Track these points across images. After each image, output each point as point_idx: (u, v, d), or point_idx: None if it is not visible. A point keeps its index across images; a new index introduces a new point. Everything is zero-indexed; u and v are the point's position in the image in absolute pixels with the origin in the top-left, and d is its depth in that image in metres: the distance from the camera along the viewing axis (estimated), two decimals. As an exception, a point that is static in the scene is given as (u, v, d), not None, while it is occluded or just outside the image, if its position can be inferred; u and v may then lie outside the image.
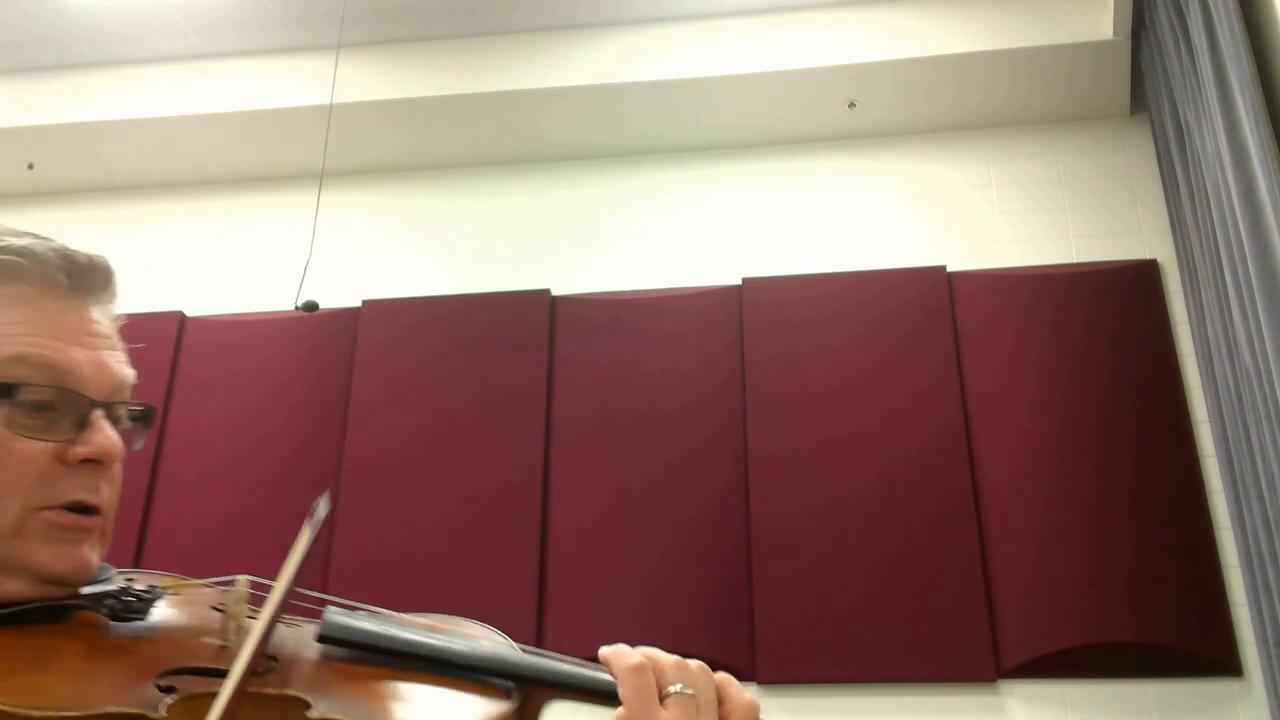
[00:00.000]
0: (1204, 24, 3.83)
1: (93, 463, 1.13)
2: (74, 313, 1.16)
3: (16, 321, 1.12)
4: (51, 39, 5.39)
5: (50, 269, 1.15)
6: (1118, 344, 4.57)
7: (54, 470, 1.11)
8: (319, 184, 4.86)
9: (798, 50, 5.08)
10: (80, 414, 1.13)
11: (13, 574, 1.09)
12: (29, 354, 1.11)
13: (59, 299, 1.16)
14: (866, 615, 4.24)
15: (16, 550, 1.09)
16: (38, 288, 1.15)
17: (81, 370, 1.14)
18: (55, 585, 1.11)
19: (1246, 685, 4.04)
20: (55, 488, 1.11)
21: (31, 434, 1.10)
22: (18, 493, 1.09)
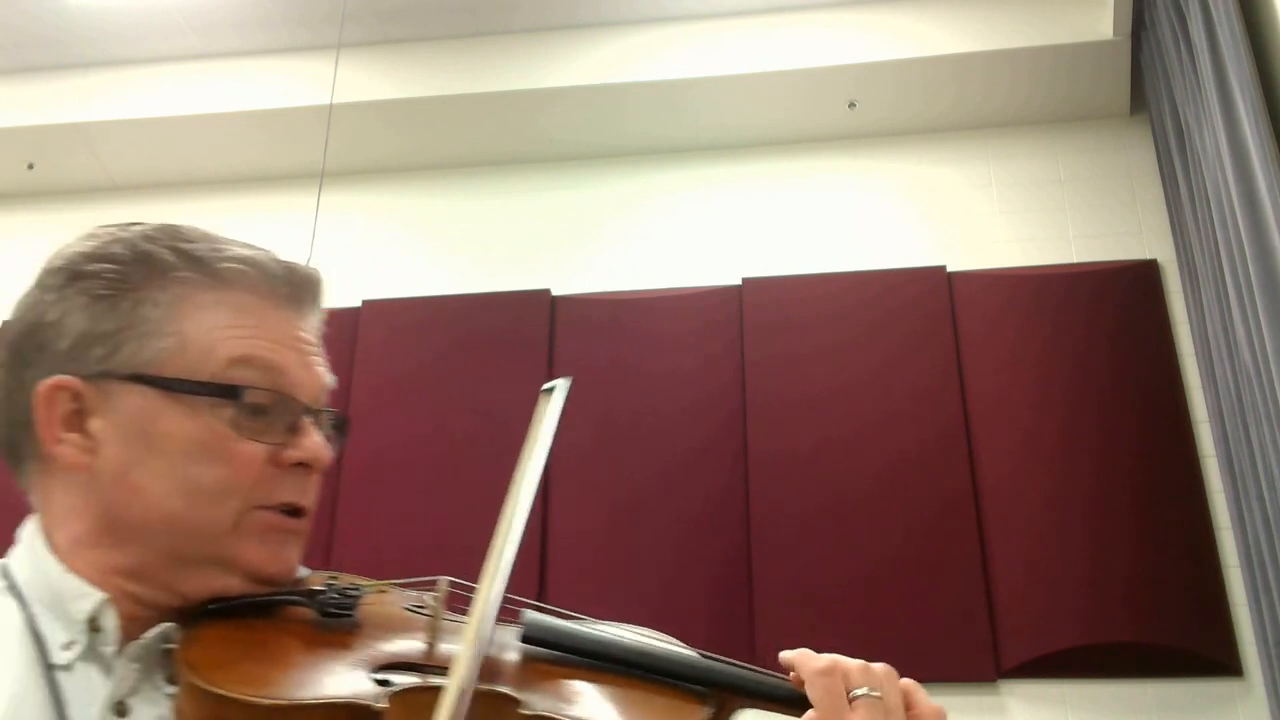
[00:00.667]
0: (1204, 24, 3.83)
1: (303, 467, 1.19)
2: (290, 321, 1.22)
3: (240, 325, 1.17)
4: (52, 39, 5.39)
5: (272, 278, 1.21)
6: (1118, 344, 4.57)
7: (268, 472, 1.15)
8: (319, 184, 4.86)
9: (797, 50, 5.08)
10: (293, 419, 1.18)
11: (226, 570, 1.13)
12: (252, 356, 1.16)
13: (277, 307, 1.21)
14: (866, 615, 4.24)
15: (232, 547, 1.13)
16: (258, 295, 1.20)
17: (296, 374, 1.19)
18: (264, 584, 1.16)
19: (1246, 685, 4.04)
20: (270, 489, 1.16)
21: (251, 435, 1.14)
22: (237, 492, 1.13)
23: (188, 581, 1.12)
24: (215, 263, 1.18)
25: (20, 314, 1.19)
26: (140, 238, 1.19)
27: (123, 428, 1.12)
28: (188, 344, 1.14)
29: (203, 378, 1.13)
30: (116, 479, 1.12)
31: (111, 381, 1.13)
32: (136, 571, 1.12)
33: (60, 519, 1.15)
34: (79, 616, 1.09)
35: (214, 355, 1.14)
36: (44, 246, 4.57)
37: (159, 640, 1.08)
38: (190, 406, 1.12)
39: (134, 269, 1.16)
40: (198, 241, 1.20)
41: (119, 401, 1.13)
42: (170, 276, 1.16)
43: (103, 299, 1.15)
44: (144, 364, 1.13)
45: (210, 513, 1.12)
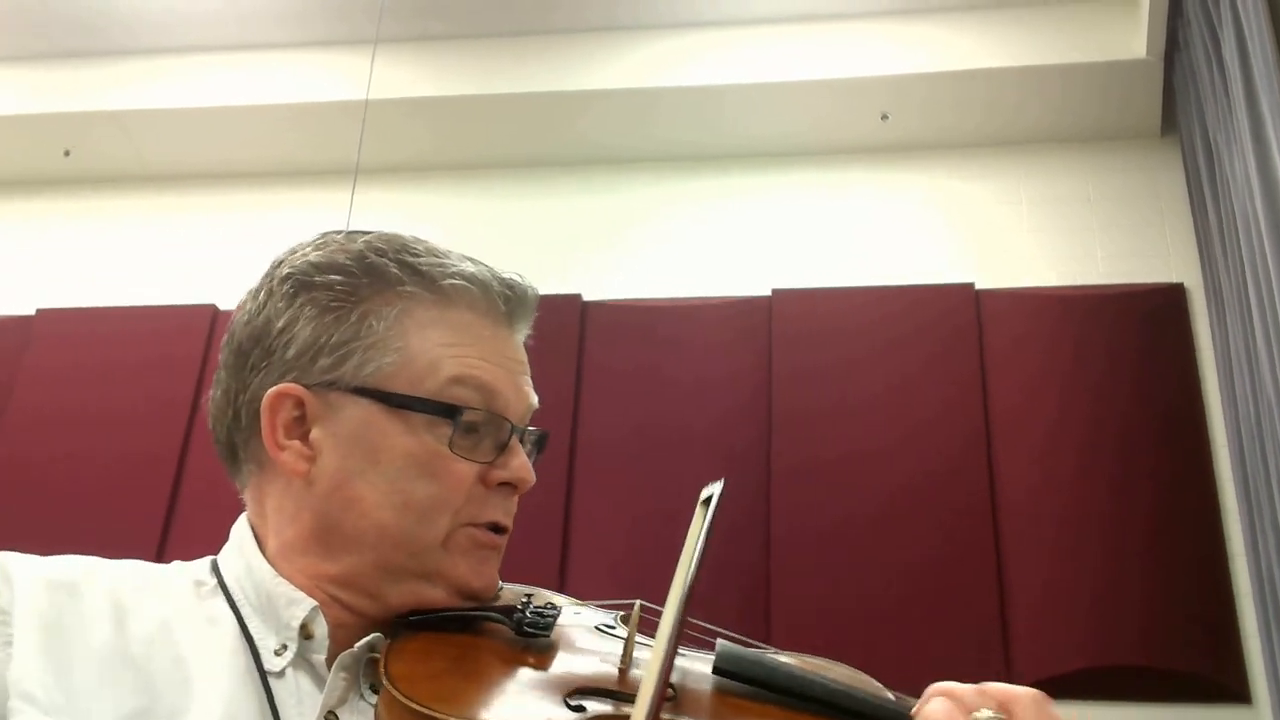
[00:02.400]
0: (1237, 46, 3.83)
1: (508, 486, 1.21)
2: (504, 339, 1.24)
3: (459, 344, 1.19)
4: (91, 25, 5.43)
5: (493, 296, 1.23)
6: (1141, 366, 4.58)
7: (477, 491, 1.18)
8: (353, 180, 4.89)
9: (831, 60, 5.09)
10: (502, 438, 1.20)
11: (434, 583, 1.16)
12: (469, 376, 1.18)
13: (494, 325, 1.23)
14: (881, 629, 4.26)
15: (440, 562, 1.16)
16: (478, 312, 1.22)
17: (508, 394, 1.21)
18: (469, 598, 1.18)
19: (1255, 713, 4.05)
20: (478, 508, 1.19)
21: (464, 454, 1.16)
22: (448, 509, 1.16)
23: (394, 592, 1.15)
24: (440, 279, 1.21)
25: (247, 318, 1.23)
26: (368, 249, 1.21)
27: (343, 438, 1.16)
28: (411, 360, 1.17)
29: (423, 394, 1.16)
30: (334, 489, 1.15)
31: (335, 392, 1.17)
32: (346, 580, 1.15)
33: (273, 523, 1.20)
34: (292, 623, 1.12)
35: (435, 373, 1.16)
36: (79, 233, 4.65)
37: (366, 650, 1.11)
38: (409, 422, 1.15)
39: (362, 282, 1.19)
40: (423, 256, 1.22)
41: (341, 412, 1.16)
42: (396, 291, 1.19)
43: (331, 310, 1.18)
44: (368, 377, 1.16)
45: (421, 527, 1.15)
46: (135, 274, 5.51)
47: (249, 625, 1.13)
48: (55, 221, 5.75)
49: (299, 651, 1.11)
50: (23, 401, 5.12)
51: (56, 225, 5.74)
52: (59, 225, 5.73)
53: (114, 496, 4.79)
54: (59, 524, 4.64)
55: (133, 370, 5.09)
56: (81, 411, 5.04)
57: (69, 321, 5.30)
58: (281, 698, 1.08)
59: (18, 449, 4.99)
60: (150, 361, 5.10)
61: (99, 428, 4.98)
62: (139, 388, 5.04)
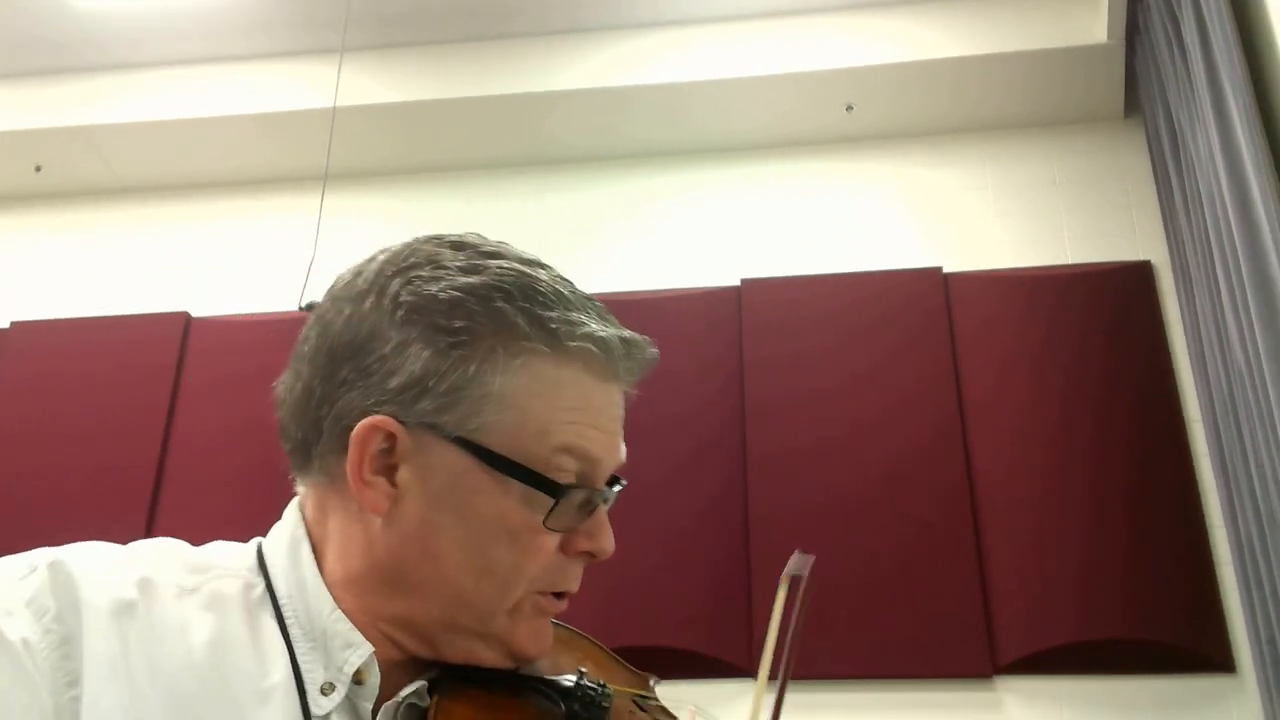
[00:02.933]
0: (1197, 28, 3.86)
1: (587, 554, 1.18)
2: (614, 401, 1.18)
3: (571, 408, 1.12)
4: (58, 43, 5.43)
5: (614, 360, 1.15)
6: (1112, 344, 4.61)
7: (556, 560, 1.14)
8: (323, 186, 4.90)
9: (796, 54, 5.12)
10: (590, 505, 1.15)
11: (490, 644, 1.14)
12: (575, 445, 1.11)
13: (604, 383, 1.16)
14: (863, 613, 4.27)
15: (503, 626, 1.13)
16: (594, 373, 1.14)
17: (607, 462, 1.16)
18: (522, 662, 1.16)
19: (1239, 682, 4.07)
20: (554, 577, 1.15)
21: (556, 527, 1.12)
22: (525, 578, 1.12)
23: (451, 646, 1.13)
24: (566, 339, 1.11)
25: (350, 324, 1.14)
26: (495, 290, 1.10)
27: (432, 486, 1.10)
28: (522, 421, 1.09)
29: (528, 460, 1.09)
30: (413, 536, 1.10)
31: (434, 436, 1.09)
32: (406, 623, 1.12)
33: (336, 544, 1.15)
34: (345, 668, 1.08)
35: (544, 440, 1.10)
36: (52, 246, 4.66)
37: (412, 699, 1.09)
38: (505, 485, 1.09)
39: (484, 327, 1.09)
40: (554, 309, 1.12)
41: (435, 459, 1.09)
42: (519, 344, 1.10)
43: (445, 353, 1.09)
44: (474, 431, 1.08)
45: (495, 593, 1.11)
46: (108, 285, 5.50)
47: (300, 658, 1.08)
48: (27, 236, 5.74)
49: (348, 696, 1.08)
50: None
51: (29, 240, 5.73)
52: (31, 239, 5.73)
53: (92, 508, 4.76)
54: (36, 537, 4.60)
55: (107, 380, 5.08)
56: (57, 423, 5.02)
57: (42, 334, 5.28)
58: None
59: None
60: (125, 371, 5.08)
61: (75, 439, 4.96)
62: (114, 398, 5.03)
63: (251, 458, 4.79)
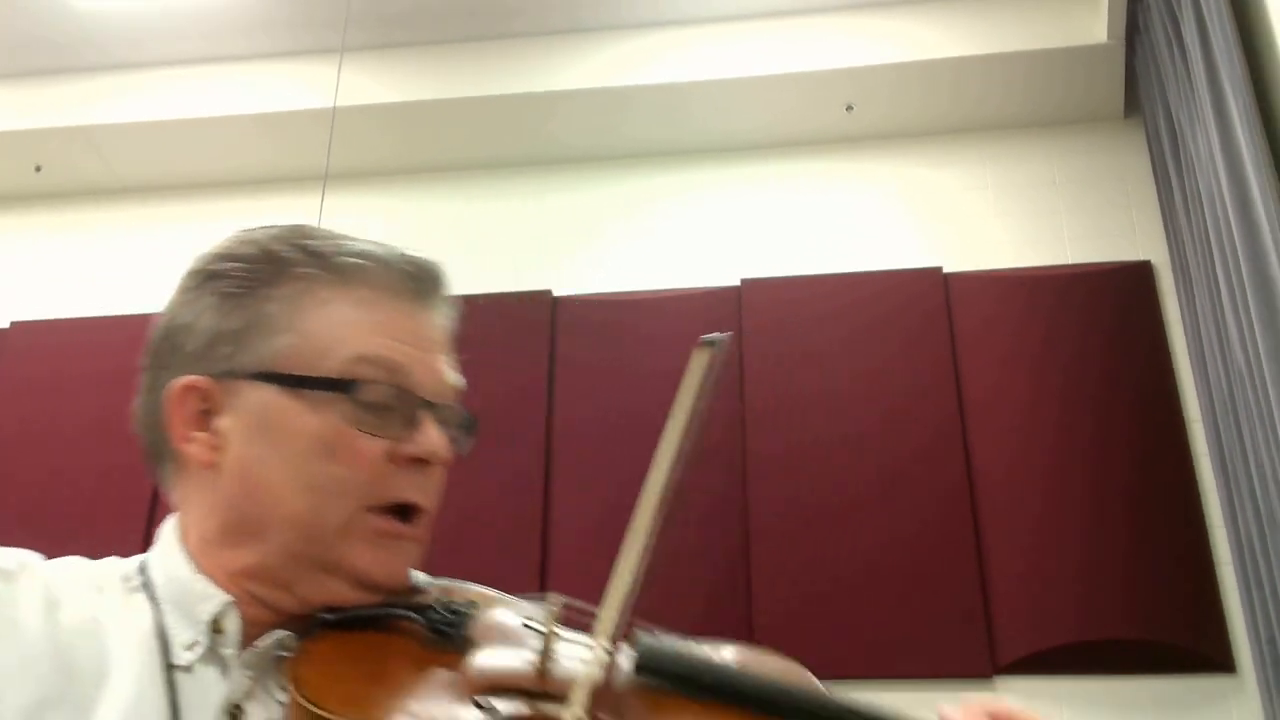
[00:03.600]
0: (1197, 28, 3.87)
1: (422, 463, 1.18)
2: (412, 316, 1.21)
3: (359, 322, 1.17)
4: (58, 43, 5.43)
5: (394, 273, 1.21)
6: (1112, 344, 4.61)
7: (386, 469, 1.15)
8: (323, 186, 4.90)
9: (796, 54, 5.12)
10: (411, 413, 1.17)
11: (334, 575, 1.14)
12: (370, 352, 1.15)
13: (398, 301, 1.20)
14: (863, 613, 4.27)
15: (340, 551, 1.13)
16: (380, 290, 1.19)
17: (416, 370, 1.18)
18: (372, 591, 1.15)
19: (1239, 681, 4.07)
20: (386, 486, 1.15)
21: (369, 429, 1.14)
22: (355, 490, 1.13)
23: (304, 585, 1.13)
24: (336, 257, 1.19)
25: (161, 319, 1.23)
26: (267, 237, 1.21)
27: (248, 425, 1.14)
28: (309, 340, 1.15)
29: (323, 374, 1.14)
30: (241, 476, 1.14)
31: (237, 379, 1.15)
32: (258, 572, 1.14)
33: (194, 518, 1.18)
34: (203, 618, 1.11)
35: (335, 352, 1.15)
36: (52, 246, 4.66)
37: (274, 648, 1.10)
38: (311, 403, 1.13)
39: (260, 267, 1.18)
40: (322, 239, 1.21)
41: (244, 399, 1.15)
42: (293, 272, 1.18)
43: (230, 297, 1.17)
44: (267, 361, 1.14)
45: (327, 510, 1.12)
46: (108, 285, 5.50)
47: (166, 620, 1.11)
48: (27, 236, 5.74)
49: (210, 646, 1.10)
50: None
51: (29, 240, 5.73)
52: (31, 239, 5.73)
53: (92, 509, 4.76)
54: (37, 538, 4.61)
55: (107, 380, 5.05)
56: (57, 423, 5.01)
57: (42, 334, 5.29)
58: (187, 693, 1.07)
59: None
60: (125, 371, 5.03)
61: (75, 439, 4.95)
62: (114, 398, 4.98)
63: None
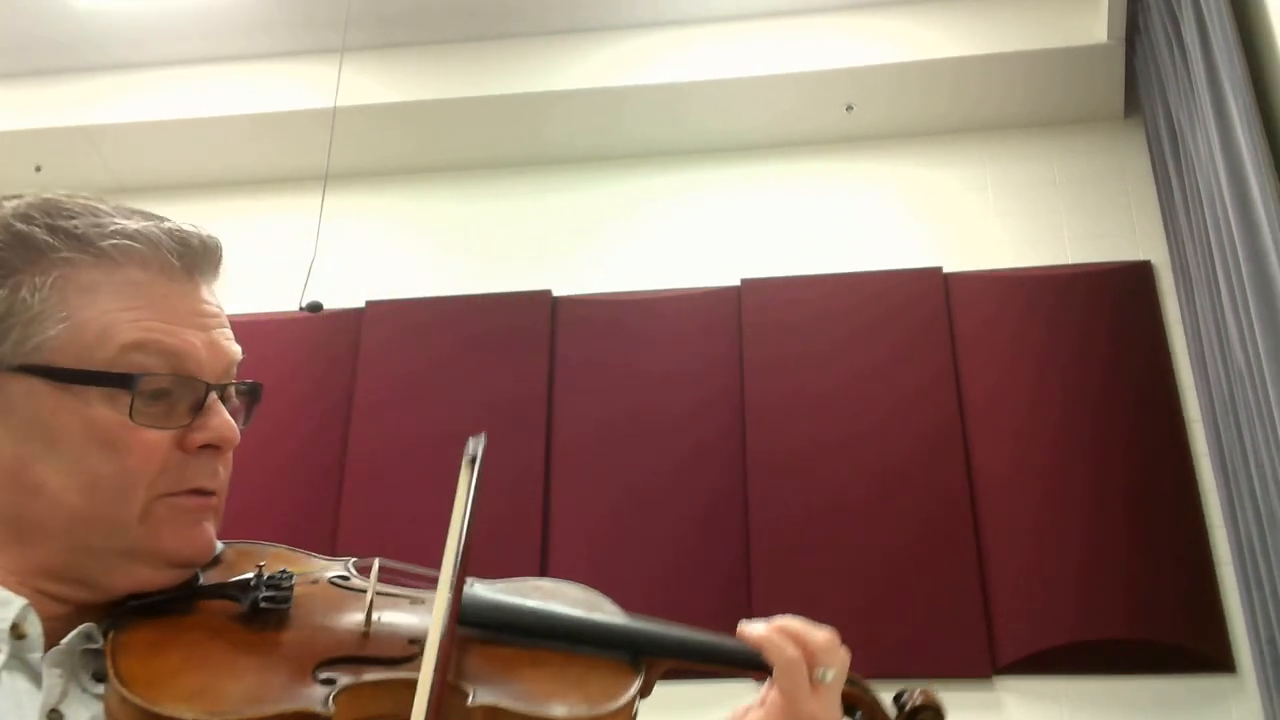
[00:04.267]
0: (1197, 28, 3.86)
1: (211, 448, 1.14)
2: (186, 295, 1.15)
3: (131, 307, 1.10)
4: (58, 43, 5.42)
5: (163, 251, 1.13)
6: (1112, 344, 4.61)
7: (175, 458, 1.11)
8: (323, 186, 4.90)
9: (795, 54, 5.12)
10: (197, 398, 1.12)
11: (140, 560, 1.09)
12: (146, 340, 1.09)
13: (171, 280, 1.14)
14: (864, 613, 4.26)
15: (142, 538, 1.09)
16: (150, 271, 1.13)
17: (197, 354, 1.12)
18: (181, 568, 1.12)
19: (1239, 681, 4.07)
20: (177, 475, 1.11)
21: (152, 422, 1.09)
22: (142, 483, 1.08)
23: (106, 575, 1.09)
24: (98, 240, 1.11)
25: None
26: (14, 217, 1.11)
27: (14, 423, 1.08)
28: (77, 330, 1.07)
29: (95, 366, 1.07)
30: (11, 476, 1.08)
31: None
32: (50, 570, 1.08)
33: None
34: (2, 626, 1.04)
35: (106, 341, 1.07)
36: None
37: (80, 641, 1.05)
38: (83, 397, 1.07)
39: (10, 253, 1.09)
40: (79, 216, 1.12)
41: (8, 395, 1.08)
42: (50, 258, 1.09)
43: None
44: (30, 354, 1.07)
45: (114, 506, 1.07)
46: (107, 286, 5.50)
47: None
48: (27, 236, 5.74)
49: (12, 653, 1.03)
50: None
51: (28, 240, 5.73)
52: (31, 240, 5.73)
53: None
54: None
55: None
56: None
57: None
58: (0, 705, 1.01)
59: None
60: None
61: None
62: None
63: (249, 454, 4.77)
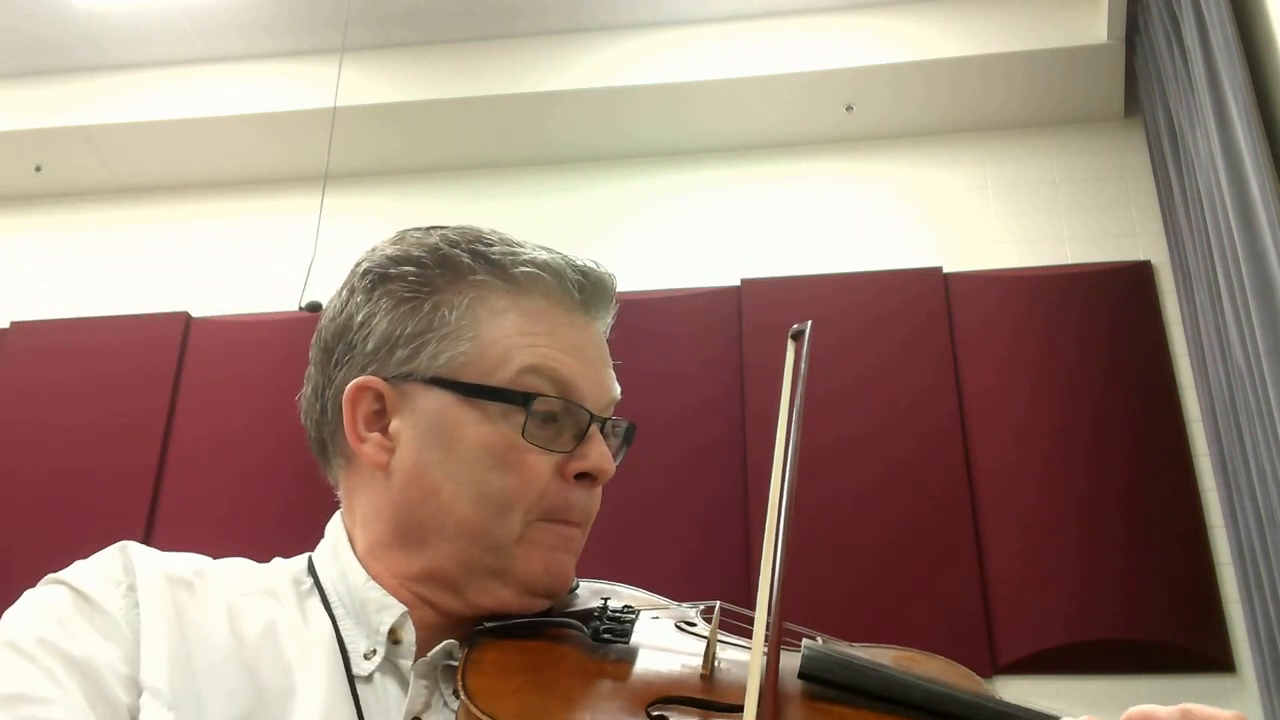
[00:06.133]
0: (1197, 28, 3.87)
1: (588, 478, 1.20)
2: (581, 328, 1.22)
3: (531, 333, 1.17)
4: (57, 43, 5.43)
5: (567, 284, 1.21)
6: (1112, 344, 4.61)
7: (555, 485, 1.17)
8: (323, 186, 4.90)
9: (795, 54, 5.12)
10: (580, 427, 1.18)
11: (505, 582, 1.15)
12: (542, 365, 1.16)
13: (569, 313, 1.21)
14: (863, 613, 4.27)
15: (513, 558, 1.15)
16: (552, 301, 1.21)
17: (584, 385, 1.19)
18: (540, 597, 1.17)
19: (1239, 681, 4.07)
20: (554, 501, 1.17)
21: (539, 444, 1.15)
22: (523, 503, 1.15)
23: (473, 590, 1.15)
24: (511, 267, 1.19)
25: (332, 315, 1.24)
26: (442, 241, 1.21)
27: (420, 429, 1.16)
28: (484, 349, 1.16)
29: (496, 383, 1.15)
30: (412, 479, 1.15)
31: (412, 383, 1.17)
32: (429, 575, 1.15)
33: (362, 519, 1.20)
34: (381, 629, 1.13)
35: (508, 362, 1.15)
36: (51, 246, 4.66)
37: (442, 656, 1.11)
38: (483, 411, 1.14)
39: (435, 272, 1.19)
40: (496, 245, 1.21)
41: (418, 403, 1.16)
42: (469, 280, 1.19)
43: (405, 301, 1.18)
44: (443, 367, 1.16)
45: (497, 521, 1.14)
46: (108, 285, 5.51)
47: (342, 628, 1.14)
48: (27, 236, 5.74)
49: (387, 656, 1.12)
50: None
51: (28, 239, 5.73)
52: (31, 239, 5.73)
53: (92, 508, 4.76)
54: (36, 539, 4.63)
55: (107, 380, 5.08)
56: (57, 423, 5.01)
57: (42, 334, 5.29)
58: (368, 702, 1.09)
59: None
60: (125, 371, 5.08)
61: (75, 439, 4.96)
62: (114, 398, 5.02)
63: (251, 458, 4.79)
